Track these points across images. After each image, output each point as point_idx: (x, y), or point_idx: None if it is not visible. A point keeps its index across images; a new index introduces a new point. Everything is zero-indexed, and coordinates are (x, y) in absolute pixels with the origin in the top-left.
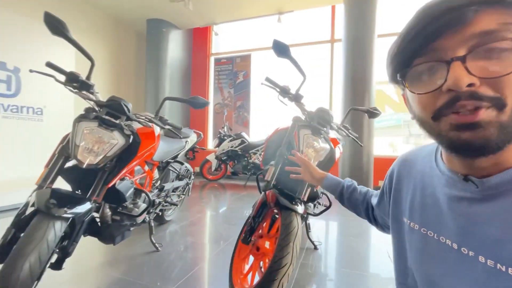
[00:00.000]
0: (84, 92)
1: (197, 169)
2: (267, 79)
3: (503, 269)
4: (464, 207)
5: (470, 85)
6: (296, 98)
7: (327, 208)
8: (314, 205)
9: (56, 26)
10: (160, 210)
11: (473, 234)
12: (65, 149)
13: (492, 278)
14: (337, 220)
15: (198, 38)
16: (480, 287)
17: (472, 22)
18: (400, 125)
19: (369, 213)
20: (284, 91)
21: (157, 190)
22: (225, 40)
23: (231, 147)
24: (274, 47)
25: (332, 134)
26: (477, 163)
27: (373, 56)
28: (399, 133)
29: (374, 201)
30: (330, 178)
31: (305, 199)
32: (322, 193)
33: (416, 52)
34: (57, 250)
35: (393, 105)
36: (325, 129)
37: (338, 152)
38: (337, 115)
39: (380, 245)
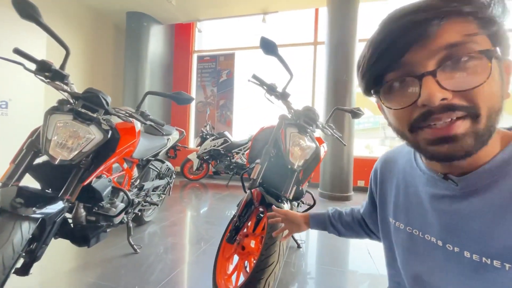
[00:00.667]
0: (57, 82)
1: (178, 168)
2: (254, 76)
3: (488, 262)
4: (446, 205)
5: (444, 99)
6: (283, 96)
7: (311, 206)
8: (298, 204)
9: (26, 9)
10: (139, 210)
11: (456, 231)
12: (35, 144)
13: (478, 272)
14: None
15: (181, 34)
16: (467, 281)
17: (437, 35)
18: (377, 128)
19: (366, 229)
20: (271, 89)
21: (136, 189)
22: (208, 38)
23: (214, 146)
24: (261, 45)
25: (317, 133)
26: (455, 164)
27: (354, 59)
28: (375, 135)
29: (362, 211)
30: (314, 214)
31: (291, 197)
32: (307, 191)
33: (387, 68)
34: (24, 254)
35: (372, 107)
36: (311, 127)
37: (323, 151)
38: (320, 115)
39: (360, 243)
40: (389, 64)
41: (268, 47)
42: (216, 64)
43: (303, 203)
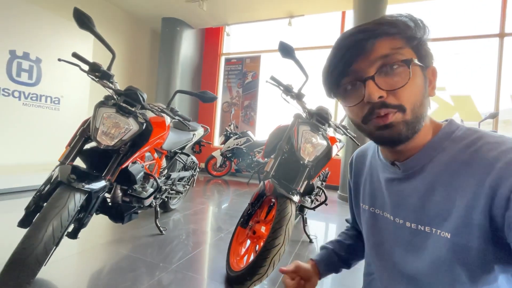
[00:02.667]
0: (104, 81)
1: (203, 165)
2: (272, 78)
3: (422, 228)
4: (395, 186)
5: (380, 97)
6: (298, 97)
7: (323, 202)
8: (312, 201)
9: (83, 21)
10: (166, 197)
11: (401, 206)
12: (86, 131)
13: (415, 237)
14: (333, 216)
15: (210, 37)
16: (409, 246)
17: (373, 50)
18: None
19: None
20: (287, 90)
21: (164, 177)
22: (236, 41)
23: (237, 144)
24: (279, 48)
25: (332, 132)
26: (398, 150)
27: None
28: None
29: (351, 220)
30: (319, 259)
31: (301, 190)
32: (318, 187)
33: (341, 74)
34: (74, 221)
35: None
36: (323, 126)
37: (336, 149)
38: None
39: None
40: (342, 72)
41: (286, 50)
42: (242, 66)
43: (317, 201)
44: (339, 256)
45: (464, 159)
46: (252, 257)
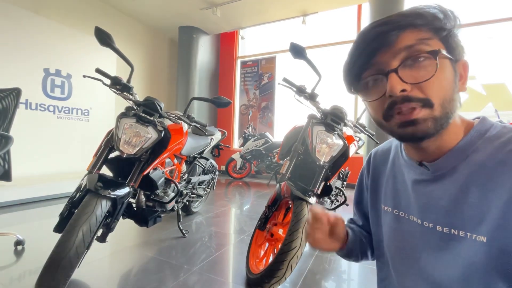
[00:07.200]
0: (125, 93)
1: (223, 167)
2: (284, 79)
3: (456, 232)
4: (422, 188)
5: (403, 90)
6: (312, 97)
7: (343, 203)
8: (332, 202)
9: (104, 38)
10: (187, 200)
11: (430, 209)
12: (110, 141)
13: (449, 242)
14: None
15: (226, 42)
16: (440, 252)
17: (397, 41)
18: None
19: (363, 247)
20: (300, 90)
21: (184, 182)
22: (251, 43)
23: (255, 146)
24: (291, 50)
25: (350, 131)
26: (424, 148)
27: None
28: None
29: (359, 220)
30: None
31: (319, 192)
32: (338, 188)
33: (362, 68)
34: (102, 226)
35: None
36: (339, 126)
37: (354, 148)
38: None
39: None
40: (363, 64)
41: (297, 51)
42: (258, 68)
43: (337, 201)
44: (361, 239)
45: (500, 159)
46: (270, 260)
